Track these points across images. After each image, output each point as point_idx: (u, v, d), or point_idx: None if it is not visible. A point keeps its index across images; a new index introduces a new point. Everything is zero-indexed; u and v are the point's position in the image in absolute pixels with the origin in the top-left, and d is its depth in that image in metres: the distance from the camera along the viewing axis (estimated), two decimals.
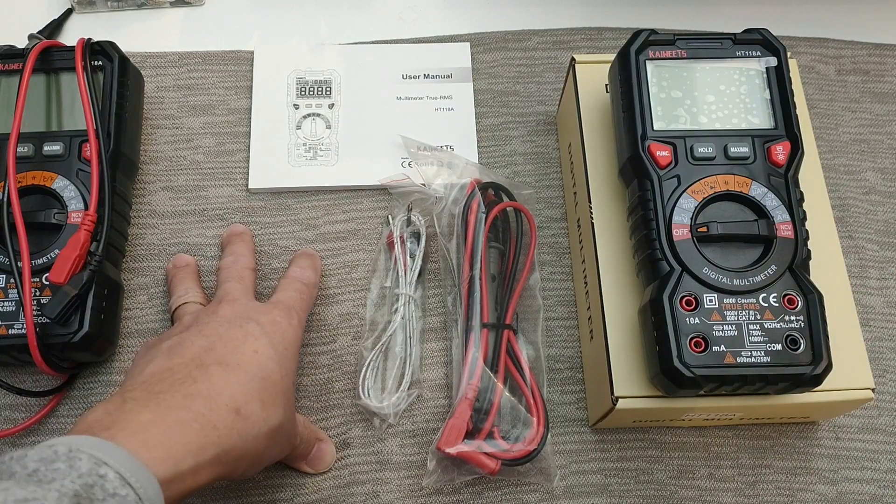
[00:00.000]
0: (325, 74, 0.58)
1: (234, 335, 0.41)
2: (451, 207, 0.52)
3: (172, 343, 0.41)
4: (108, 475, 0.30)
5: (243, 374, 0.39)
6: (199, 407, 0.36)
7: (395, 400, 0.48)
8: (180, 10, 0.62)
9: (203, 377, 0.38)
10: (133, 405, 0.35)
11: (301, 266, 0.49)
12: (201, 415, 0.36)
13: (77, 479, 0.29)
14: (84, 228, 0.46)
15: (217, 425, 0.36)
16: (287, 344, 0.43)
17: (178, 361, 0.39)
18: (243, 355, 0.40)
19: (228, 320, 0.42)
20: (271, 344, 0.41)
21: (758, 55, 0.47)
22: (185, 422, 0.35)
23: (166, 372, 0.39)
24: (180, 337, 0.41)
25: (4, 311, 0.45)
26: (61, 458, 0.30)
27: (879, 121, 0.59)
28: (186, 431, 0.35)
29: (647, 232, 0.44)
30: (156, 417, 0.35)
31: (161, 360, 0.40)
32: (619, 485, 0.48)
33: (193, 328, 0.42)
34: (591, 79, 0.51)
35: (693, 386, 0.40)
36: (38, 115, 0.50)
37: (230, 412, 0.37)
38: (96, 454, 0.30)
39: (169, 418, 0.35)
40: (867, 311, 0.52)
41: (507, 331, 0.48)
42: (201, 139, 0.56)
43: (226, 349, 0.40)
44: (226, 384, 0.38)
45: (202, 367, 0.39)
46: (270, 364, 0.40)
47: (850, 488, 0.48)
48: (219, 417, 0.36)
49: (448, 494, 0.47)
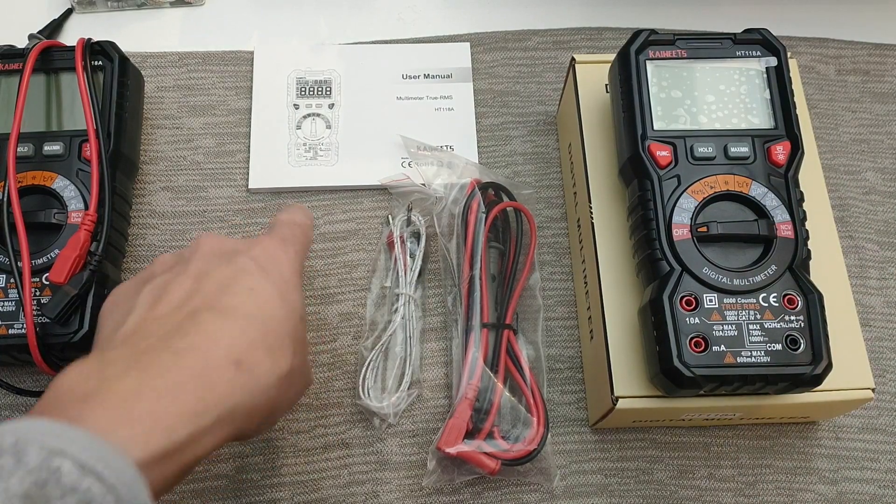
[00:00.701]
0: (325, 74, 0.58)
1: (223, 272, 0.36)
2: (451, 207, 0.52)
3: (153, 287, 0.36)
4: (62, 468, 0.25)
5: (241, 319, 0.34)
6: (193, 364, 0.32)
7: (395, 400, 0.48)
8: (180, 10, 0.62)
9: (194, 328, 0.33)
10: (114, 369, 0.31)
11: (288, 211, 0.44)
12: (196, 374, 0.31)
13: (26, 476, 0.24)
14: (84, 228, 0.46)
15: (216, 383, 0.32)
16: (286, 276, 0.37)
17: (164, 309, 0.34)
18: (237, 295, 0.35)
19: (215, 255, 0.37)
20: (268, 278, 0.36)
21: (758, 55, 0.47)
22: (178, 384, 0.31)
23: (151, 323, 0.34)
24: (164, 278, 0.36)
25: (4, 311, 0.45)
26: (6, 451, 0.25)
27: (879, 121, 0.59)
28: (179, 396, 0.30)
29: (647, 232, 0.44)
30: (141, 383, 0.30)
31: (142, 309, 0.35)
32: (619, 485, 0.48)
33: (177, 267, 0.37)
34: (591, 79, 0.51)
35: (693, 386, 0.40)
36: (38, 115, 0.50)
37: (230, 366, 0.32)
38: (49, 442, 0.26)
39: (157, 382, 0.30)
40: (867, 311, 0.52)
41: (507, 331, 0.48)
42: (201, 139, 0.56)
43: (216, 290, 0.35)
44: (222, 333, 0.33)
45: (192, 315, 0.34)
46: (272, 303, 0.35)
47: (850, 488, 0.48)
48: (217, 374, 0.32)
49: (448, 494, 0.47)
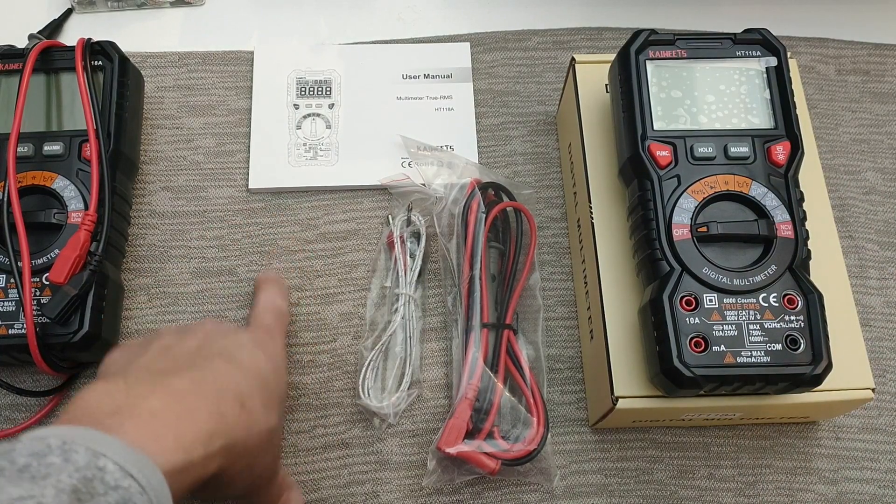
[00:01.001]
0: (325, 74, 0.58)
1: (225, 343, 0.40)
2: (451, 207, 0.52)
3: (164, 340, 0.39)
4: (107, 467, 0.28)
5: (245, 371, 0.38)
6: (208, 394, 0.35)
7: (395, 400, 0.48)
8: (180, 10, 0.62)
9: (208, 367, 0.37)
10: (139, 389, 0.34)
11: (270, 293, 0.48)
12: (211, 402, 0.34)
13: (74, 472, 0.27)
14: (84, 228, 0.46)
15: (226, 414, 0.35)
16: (277, 356, 0.41)
17: (178, 351, 0.38)
18: (241, 357, 0.39)
19: (216, 331, 0.41)
20: (265, 354, 0.40)
21: (758, 55, 0.47)
22: (196, 408, 0.34)
23: (169, 359, 0.37)
24: (172, 337, 0.40)
25: (4, 311, 0.45)
26: (54, 451, 0.28)
27: (879, 121, 0.59)
28: (197, 418, 0.33)
29: (647, 232, 0.44)
30: (164, 404, 0.33)
31: (158, 349, 0.38)
32: (619, 485, 0.48)
33: (180, 334, 0.41)
34: (591, 79, 0.51)
35: (693, 386, 0.40)
36: (38, 115, 0.50)
37: (236, 403, 0.36)
38: (93, 445, 0.29)
39: (179, 404, 0.33)
40: (867, 311, 0.52)
41: (507, 331, 0.48)
42: (201, 139, 0.56)
43: (224, 349, 0.39)
44: (230, 376, 0.37)
45: (206, 357, 0.37)
46: (267, 369, 0.39)
47: (850, 488, 0.48)
48: (227, 407, 0.35)
49: (448, 494, 0.47)
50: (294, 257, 0.53)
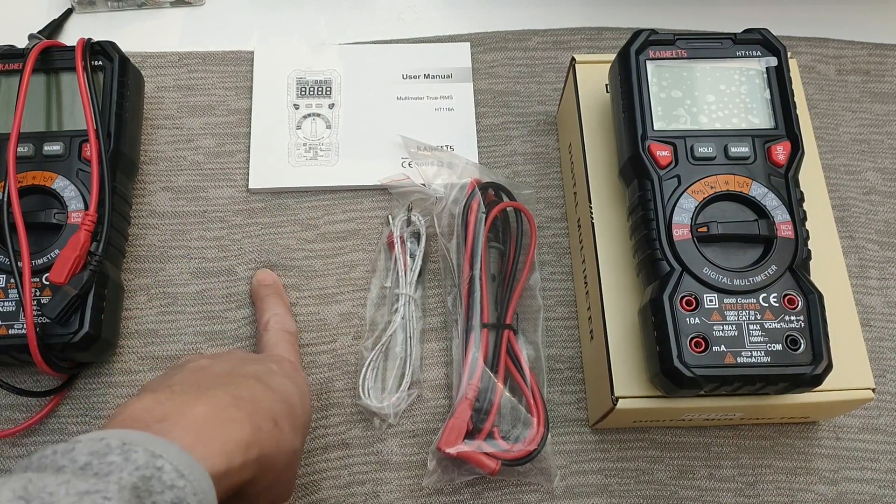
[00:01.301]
0: (325, 74, 0.58)
1: (257, 368, 0.41)
2: (451, 207, 0.52)
3: (198, 364, 0.41)
4: (164, 467, 0.29)
5: (276, 394, 0.39)
6: (247, 407, 0.36)
7: (395, 400, 0.48)
8: (180, 10, 0.62)
9: (244, 384, 0.38)
10: (184, 398, 0.35)
11: (278, 313, 0.49)
12: (249, 414, 0.36)
13: (134, 471, 0.29)
14: (84, 228, 0.46)
15: (262, 427, 0.36)
16: (304, 391, 0.43)
17: (213, 372, 0.39)
18: (272, 382, 0.40)
19: (249, 359, 0.43)
20: (293, 383, 0.42)
21: (758, 55, 0.47)
22: (237, 419, 0.35)
23: (206, 377, 0.39)
24: (204, 361, 0.41)
25: (4, 311, 0.45)
26: (114, 450, 0.29)
27: (879, 121, 0.59)
28: (238, 428, 0.35)
29: (647, 232, 0.43)
30: (209, 411, 0.35)
31: (192, 370, 0.40)
32: (619, 485, 0.48)
33: (212, 358, 0.42)
34: (591, 79, 0.51)
35: (693, 386, 0.40)
36: (38, 115, 0.50)
37: (270, 420, 0.37)
38: (151, 447, 0.30)
39: (222, 413, 0.35)
40: (867, 311, 0.52)
41: (507, 331, 0.48)
42: (201, 139, 0.56)
43: (256, 374, 0.40)
44: (264, 396, 0.38)
45: (241, 377, 0.39)
46: (295, 398, 0.41)
47: (850, 488, 0.48)
48: (263, 422, 0.37)
49: (448, 494, 0.47)
50: (294, 257, 0.53)
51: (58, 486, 0.27)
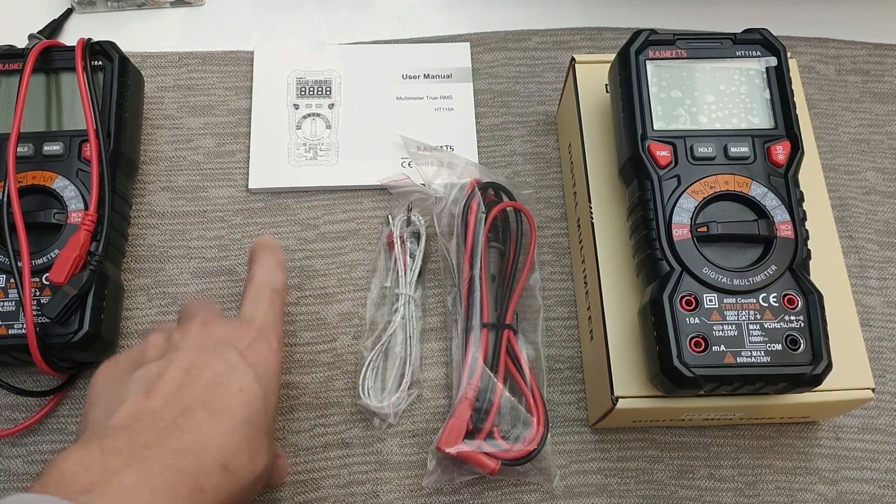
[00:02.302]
0: (325, 74, 0.58)
1: (216, 367, 0.38)
2: (451, 207, 0.52)
3: (149, 376, 0.37)
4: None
5: (230, 420, 0.36)
6: (188, 466, 0.34)
7: (395, 400, 0.48)
8: (180, 10, 0.62)
9: (190, 426, 0.35)
10: (115, 462, 0.32)
11: (266, 265, 0.44)
12: (189, 475, 0.33)
13: None
14: (84, 228, 0.46)
15: (205, 486, 0.34)
16: (270, 375, 0.40)
17: (158, 402, 0.36)
18: (229, 395, 0.37)
19: (206, 348, 0.39)
20: (256, 378, 0.38)
21: (758, 55, 0.47)
22: (173, 484, 0.33)
23: (148, 417, 0.35)
24: (157, 366, 0.38)
25: (4, 311, 0.45)
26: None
27: (879, 121, 0.59)
28: (173, 496, 0.32)
29: (647, 232, 0.44)
30: (141, 480, 0.32)
31: (137, 397, 0.36)
32: (619, 485, 0.48)
33: (169, 355, 0.39)
34: (591, 79, 0.51)
35: (693, 386, 0.40)
36: (38, 115, 0.50)
37: (219, 469, 0.35)
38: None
39: (155, 481, 0.32)
40: (867, 311, 0.52)
41: (507, 331, 0.48)
42: (201, 139, 0.56)
43: (209, 387, 0.37)
44: (214, 434, 0.35)
45: (187, 412, 0.36)
46: (257, 403, 0.37)
47: (850, 488, 0.48)
48: (207, 477, 0.34)
49: (448, 494, 0.47)
50: (294, 257, 0.53)
51: None
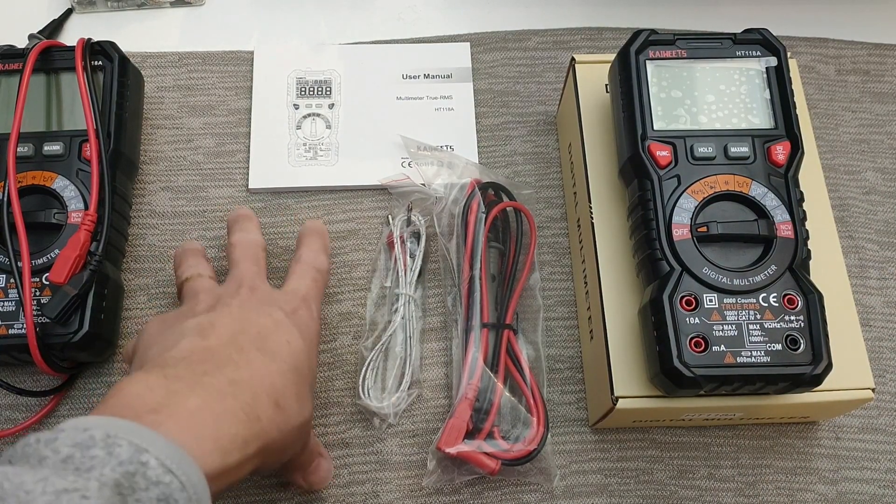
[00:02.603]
0: (325, 74, 0.58)
1: (264, 322, 0.39)
2: (451, 207, 0.52)
3: (201, 322, 0.39)
4: (149, 462, 0.28)
5: (281, 363, 0.38)
6: (245, 396, 0.35)
7: (395, 400, 0.48)
8: (180, 10, 0.62)
9: (245, 362, 0.36)
10: (178, 385, 0.34)
11: (313, 249, 0.47)
12: (247, 404, 0.34)
13: (117, 466, 0.28)
14: (84, 228, 0.46)
15: (261, 417, 0.35)
16: (312, 336, 0.41)
17: (216, 342, 0.37)
18: (278, 344, 0.39)
19: (254, 306, 0.41)
20: (301, 335, 0.40)
21: (758, 55, 0.47)
22: (233, 410, 0.34)
23: (205, 352, 0.37)
24: (208, 316, 0.39)
25: (4, 311, 0.45)
26: (98, 443, 0.28)
27: (879, 121, 0.59)
28: (234, 422, 0.33)
29: (647, 232, 0.44)
30: (203, 404, 0.33)
31: (194, 337, 0.38)
32: (619, 485, 0.48)
33: (220, 309, 0.40)
34: (591, 79, 0.51)
35: (693, 386, 0.40)
36: (38, 115, 0.50)
37: (271, 404, 0.36)
38: (136, 440, 0.29)
39: (217, 406, 0.33)
40: (867, 311, 0.52)
41: (507, 331, 0.48)
42: (201, 139, 0.56)
43: (260, 335, 0.39)
44: (267, 373, 0.37)
45: (242, 350, 0.37)
46: (301, 356, 0.39)
47: (850, 488, 0.48)
48: (262, 409, 0.35)
49: (448, 494, 0.47)
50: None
51: (35, 484, 0.26)
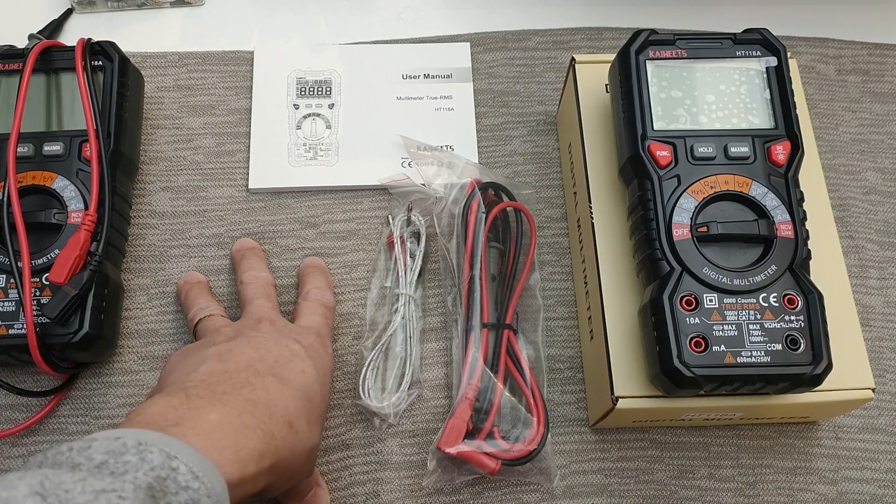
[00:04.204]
0: (325, 74, 0.58)
1: (281, 352, 0.41)
2: (451, 207, 0.52)
3: (221, 349, 0.41)
4: (180, 468, 0.30)
5: (294, 390, 0.39)
6: (261, 414, 0.37)
7: (395, 400, 0.48)
8: (180, 10, 0.62)
9: (261, 385, 0.38)
10: (199, 402, 0.35)
11: (319, 286, 0.49)
12: (263, 422, 0.36)
13: (150, 471, 0.29)
14: (84, 228, 0.46)
15: (275, 435, 0.36)
16: (326, 369, 0.43)
17: (233, 367, 0.39)
18: (292, 372, 0.40)
19: (273, 337, 0.43)
20: (315, 367, 0.42)
21: (758, 55, 0.47)
22: (251, 426, 0.35)
23: (224, 374, 0.39)
24: (228, 345, 0.41)
25: (4, 311, 0.45)
26: (130, 450, 0.30)
27: (879, 121, 0.59)
28: (252, 436, 0.35)
29: (647, 232, 0.44)
30: (223, 418, 0.35)
31: (213, 362, 0.40)
32: (619, 485, 0.48)
33: (240, 339, 0.42)
34: (591, 79, 0.51)
35: (693, 386, 0.40)
36: (38, 115, 0.50)
37: (285, 424, 0.37)
38: (167, 448, 0.30)
39: (236, 421, 0.35)
40: (867, 311, 0.52)
41: (507, 331, 0.48)
42: (201, 139, 0.56)
43: (276, 363, 0.40)
44: (281, 396, 0.38)
45: (259, 374, 0.39)
46: (315, 386, 0.41)
47: (850, 488, 0.48)
48: (277, 427, 0.37)
49: (448, 494, 0.47)
50: (294, 257, 0.53)
51: (74, 484, 0.27)
